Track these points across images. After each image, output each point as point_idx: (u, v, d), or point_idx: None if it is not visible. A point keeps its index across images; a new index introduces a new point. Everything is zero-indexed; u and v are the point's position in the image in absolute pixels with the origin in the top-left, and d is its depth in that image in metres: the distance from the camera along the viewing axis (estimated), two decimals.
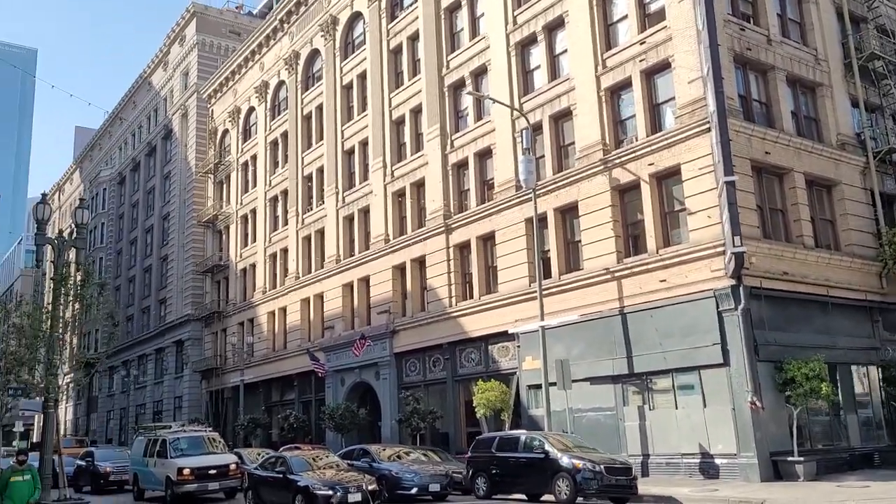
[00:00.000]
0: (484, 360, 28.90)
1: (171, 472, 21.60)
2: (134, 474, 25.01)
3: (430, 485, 19.73)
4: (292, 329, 41.51)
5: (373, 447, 22.61)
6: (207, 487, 22.01)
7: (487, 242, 29.56)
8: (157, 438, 23.93)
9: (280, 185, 44.66)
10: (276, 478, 17.79)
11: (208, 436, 25.15)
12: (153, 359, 58.61)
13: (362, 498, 16.28)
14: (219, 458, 23.05)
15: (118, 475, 27.39)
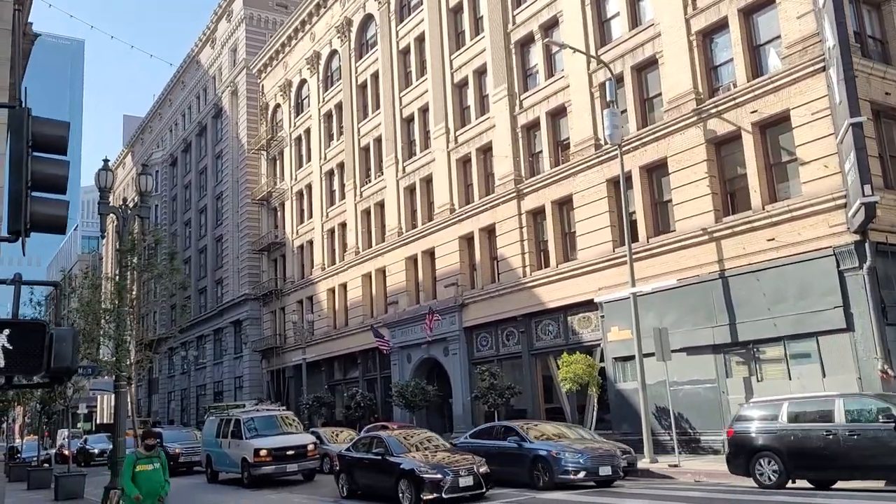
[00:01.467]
0: (563, 333, 27.21)
1: (246, 453, 20.51)
2: (207, 456, 24.14)
3: (601, 468, 16.43)
4: (354, 305, 40.36)
5: (517, 423, 19.28)
6: (286, 469, 20.81)
7: (563, 207, 27.74)
8: (230, 418, 22.90)
9: (336, 157, 43.37)
10: (373, 460, 16.12)
11: (282, 415, 24.06)
12: (211, 339, 58.36)
13: (474, 482, 14.50)
14: (296, 439, 21.87)
15: (188, 456, 26.59)
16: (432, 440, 17.56)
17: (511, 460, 17.45)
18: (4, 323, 5.71)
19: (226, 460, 22.46)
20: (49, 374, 5.92)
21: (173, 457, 26.46)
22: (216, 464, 23.32)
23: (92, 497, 19.96)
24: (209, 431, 24.03)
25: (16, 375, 5.86)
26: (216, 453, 23.25)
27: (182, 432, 30.95)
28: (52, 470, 25.46)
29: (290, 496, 18.08)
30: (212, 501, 18.52)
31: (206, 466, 24.29)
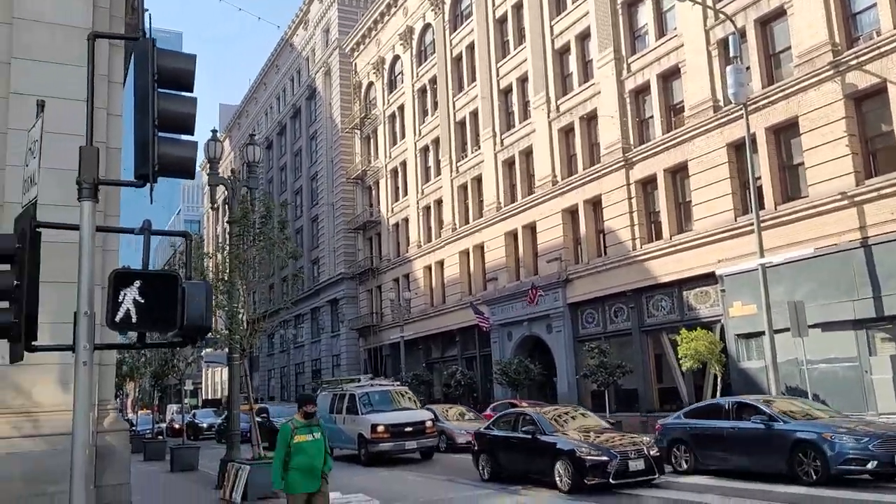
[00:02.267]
0: (678, 308, 25.67)
1: (363, 429, 19.97)
2: None
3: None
4: (451, 283, 39.76)
5: (753, 399, 15.39)
6: (404, 447, 20.08)
7: (677, 175, 26.08)
8: (345, 393, 22.39)
9: (430, 133, 42.70)
10: (522, 439, 14.37)
11: (399, 390, 23.40)
12: (309, 318, 59.20)
13: (646, 465, 12.79)
14: (414, 415, 21.08)
15: None
16: (587, 417, 15.85)
17: (757, 446, 13.80)
18: (135, 274, 5.10)
19: (340, 436, 21.70)
20: (182, 331, 5.29)
21: None
22: (330, 440, 23.00)
23: (205, 469, 20.10)
24: (322, 407, 23.76)
25: (148, 332, 5.25)
26: (331, 429, 22.74)
27: (288, 408, 31.01)
28: (166, 442, 26.03)
29: (418, 476, 16.95)
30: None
31: None
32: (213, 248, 14.95)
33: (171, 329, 5.21)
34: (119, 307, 5.02)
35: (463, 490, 13.81)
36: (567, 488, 12.79)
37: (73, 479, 4.95)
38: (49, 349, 5.51)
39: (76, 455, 4.96)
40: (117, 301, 5.03)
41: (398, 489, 14.34)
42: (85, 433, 5.02)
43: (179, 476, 18.74)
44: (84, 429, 5.03)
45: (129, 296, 5.07)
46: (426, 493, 13.61)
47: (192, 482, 17.15)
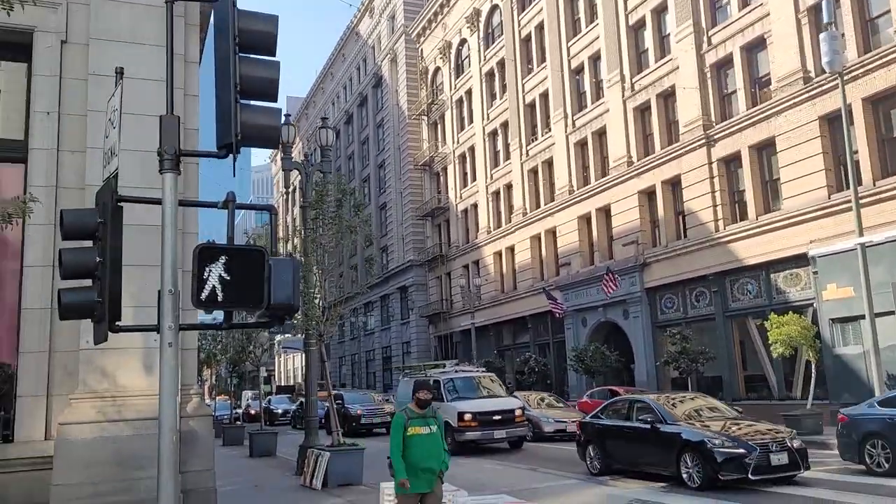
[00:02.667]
0: (765, 292, 24.44)
1: (449, 416, 18.82)
2: None
3: None
4: (522, 268, 39.11)
5: None
6: (493, 436, 18.95)
7: (763, 152, 24.79)
8: (427, 380, 21.90)
9: (499, 117, 42.00)
10: (638, 430, 12.92)
11: (484, 376, 22.42)
12: (378, 306, 59.46)
13: (789, 459, 11.38)
14: (503, 402, 20.01)
15: (369, 418, 26.59)
16: (714, 408, 13.76)
17: None
18: (221, 249, 4.76)
19: None
20: (268, 310, 4.93)
21: (355, 418, 26.51)
22: None
23: (283, 455, 20.14)
24: (404, 393, 23.19)
25: (235, 311, 4.92)
26: None
27: (362, 395, 31.08)
28: (244, 427, 26.35)
29: (507, 466, 15.95)
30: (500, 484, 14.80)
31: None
32: (288, 234, 14.80)
33: (259, 307, 4.86)
34: (205, 284, 4.70)
35: (579, 486, 12.55)
36: (696, 484, 11.36)
37: (161, 465, 4.66)
38: (133, 329, 5.26)
39: (163, 440, 4.67)
40: (202, 278, 4.70)
41: (491, 480, 13.76)
42: (172, 417, 4.73)
43: (259, 461, 18.83)
44: (171, 413, 4.74)
45: (215, 272, 4.74)
46: (524, 484, 12.99)
47: (271, 467, 17.17)
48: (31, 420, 8.33)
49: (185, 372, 9.01)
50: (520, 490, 11.80)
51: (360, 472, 12.97)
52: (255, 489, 13.43)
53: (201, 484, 8.72)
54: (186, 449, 8.64)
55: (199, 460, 8.74)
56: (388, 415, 27.31)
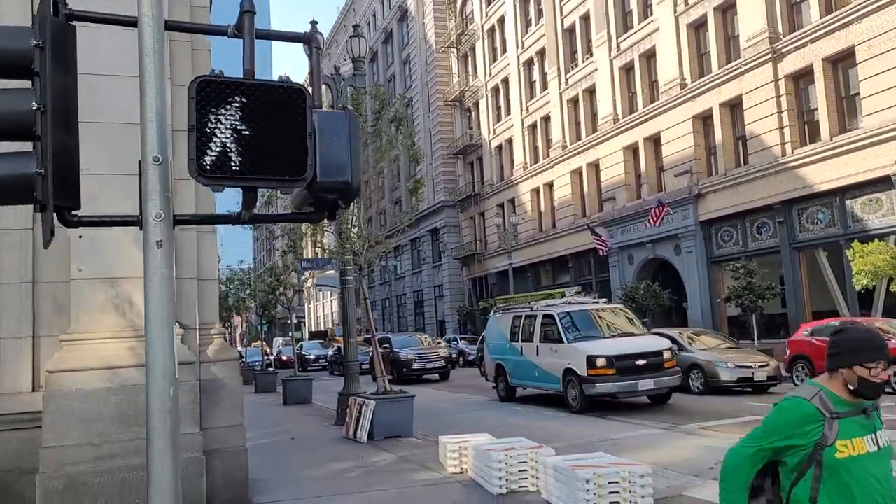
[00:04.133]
0: (839, 220, 22.25)
1: (574, 362, 14.45)
2: (496, 365, 18.04)
3: None
4: (562, 205, 37.05)
5: None
6: (637, 387, 14.14)
7: (840, 65, 22.27)
8: (534, 314, 16.54)
9: (535, 44, 39.35)
10: None
11: (611, 309, 17.57)
12: (409, 249, 57.86)
13: None
14: (645, 343, 15.19)
15: (420, 363, 25.01)
16: None
17: None
18: (235, 84, 2.92)
19: (533, 372, 16.24)
20: (313, 188, 3.09)
21: (405, 363, 24.89)
22: (514, 376, 17.15)
23: (319, 403, 18.76)
24: (497, 333, 18.07)
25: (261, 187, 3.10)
26: (514, 362, 17.04)
27: (409, 337, 29.18)
28: (277, 374, 25.08)
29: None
30: (574, 436, 11.49)
31: (495, 379, 18.22)
32: None
33: (297, 179, 3.03)
34: (209, 142, 2.88)
35: None
36: None
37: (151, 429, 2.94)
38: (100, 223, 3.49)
39: (152, 392, 2.96)
40: (205, 131, 2.87)
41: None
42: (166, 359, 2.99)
43: (294, 410, 17.41)
44: (164, 351, 2.99)
45: (226, 123, 2.91)
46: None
47: (308, 416, 15.73)
48: (14, 368, 6.71)
49: (205, 307, 7.33)
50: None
51: (410, 424, 11.39)
52: (293, 441, 11.92)
53: (229, 442, 7.12)
54: (209, 400, 7.01)
55: (224, 414, 7.13)
56: (443, 360, 25.63)
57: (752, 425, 3.12)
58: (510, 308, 18.62)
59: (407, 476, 8.27)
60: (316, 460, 9.84)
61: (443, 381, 24.87)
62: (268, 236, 25.61)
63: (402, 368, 24.54)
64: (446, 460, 8.33)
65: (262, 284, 25.16)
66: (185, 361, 6.55)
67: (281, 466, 9.65)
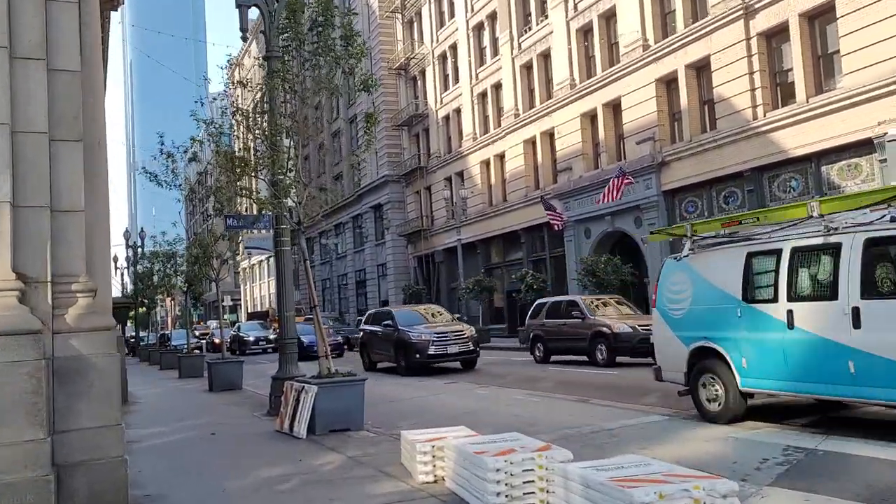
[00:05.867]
0: (814, 187, 20.90)
1: None
2: (698, 352, 9.06)
3: None
4: (514, 177, 35.16)
5: None
6: None
7: (817, 20, 20.83)
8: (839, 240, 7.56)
9: (486, 7, 37.15)
10: None
11: None
12: (350, 227, 55.27)
13: None
14: None
15: (441, 347, 18.21)
16: None
17: None
18: None
19: (840, 365, 7.35)
20: None
21: (419, 347, 18.19)
22: (765, 373, 8.17)
23: (250, 388, 16.41)
24: (701, 288, 9.15)
25: None
26: (766, 345, 8.17)
27: (415, 313, 20.82)
28: (203, 357, 22.51)
29: None
30: (557, 424, 9.34)
31: (691, 380, 9.15)
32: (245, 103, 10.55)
33: None
34: None
35: None
36: None
37: None
38: None
39: None
40: None
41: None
42: None
43: (220, 397, 15.01)
44: None
45: None
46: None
47: (235, 405, 13.37)
48: None
49: (66, 251, 4.99)
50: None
51: (361, 414, 9.22)
52: (213, 438, 9.62)
53: (101, 450, 4.84)
54: (68, 389, 4.71)
55: (93, 409, 4.83)
56: (470, 341, 18.74)
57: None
58: (739, 238, 8.99)
59: (362, 487, 6.11)
60: (240, 464, 7.60)
61: (466, 370, 18.60)
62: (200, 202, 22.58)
63: (413, 354, 18.15)
64: (414, 464, 6.20)
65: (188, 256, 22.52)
66: (23, 330, 4.24)
67: (192, 473, 7.38)
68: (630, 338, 17.09)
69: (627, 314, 19.13)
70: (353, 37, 9.94)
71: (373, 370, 20.03)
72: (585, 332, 18.31)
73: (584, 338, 18.29)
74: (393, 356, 19.40)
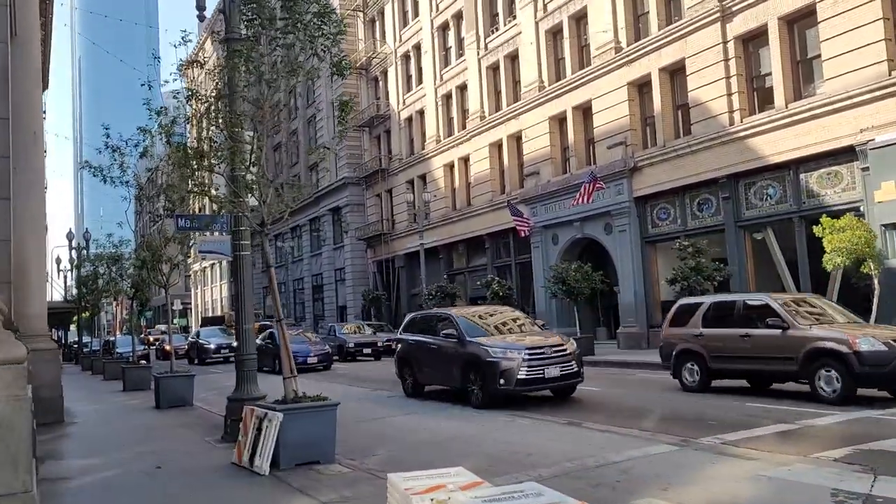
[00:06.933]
0: (791, 195, 20.39)
1: None
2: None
3: None
4: (479, 181, 34.21)
5: None
6: None
7: (796, 25, 20.36)
8: None
9: (451, 6, 36.21)
10: None
11: None
12: (308, 230, 53.68)
13: None
14: None
15: (534, 369, 12.34)
16: None
17: None
18: None
19: None
20: None
21: (502, 370, 11.28)
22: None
23: (202, 405, 15.03)
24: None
25: None
26: None
27: (479, 323, 18.28)
28: (150, 369, 20.92)
29: None
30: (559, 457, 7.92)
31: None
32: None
33: None
34: None
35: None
36: None
37: None
38: None
39: None
40: None
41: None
42: None
43: (168, 417, 13.58)
44: None
45: None
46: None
47: (186, 427, 12.00)
48: None
49: None
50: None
51: (332, 444, 8.03)
52: (158, 472, 8.31)
53: None
54: None
55: None
56: (574, 359, 13.12)
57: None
58: None
59: None
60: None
61: (561, 399, 13.42)
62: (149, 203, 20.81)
63: (496, 380, 12.57)
64: None
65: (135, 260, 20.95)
66: None
67: None
68: (884, 360, 11.03)
69: (849, 322, 12.77)
70: (329, 13, 8.78)
71: (418, 396, 14.99)
72: (795, 349, 11.89)
73: (794, 359, 11.87)
74: (457, 379, 13.57)
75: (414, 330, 15.93)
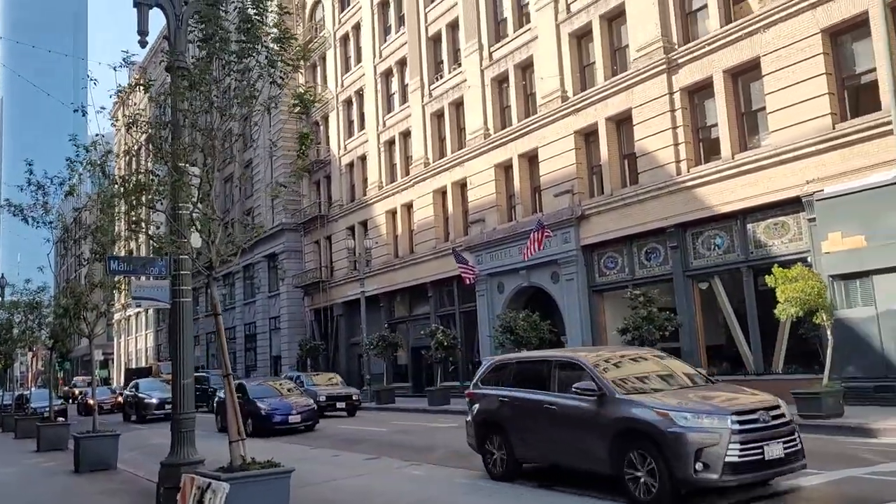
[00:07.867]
0: (739, 245, 20.44)
1: None
2: None
3: None
4: (422, 228, 33.64)
5: None
6: None
7: (741, 78, 20.71)
8: None
9: (395, 53, 36.08)
10: None
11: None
12: (241, 277, 51.93)
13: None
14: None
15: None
16: None
17: None
18: None
19: None
20: None
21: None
22: None
23: (128, 469, 13.64)
24: None
25: None
26: None
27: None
28: (68, 426, 19.19)
29: None
30: None
31: None
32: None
33: None
34: None
35: None
36: None
37: None
38: None
39: None
40: None
41: None
42: None
43: (88, 482, 12.18)
44: None
45: None
46: None
47: (109, 496, 10.68)
48: None
49: None
50: None
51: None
52: None
53: None
54: None
55: None
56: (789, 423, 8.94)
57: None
58: None
59: None
60: None
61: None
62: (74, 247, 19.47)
63: (691, 464, 8.12)
64: None
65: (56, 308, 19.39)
66: None
67: None
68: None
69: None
70: (290, 39, 8.10)
71: (513, 478, 10.58)
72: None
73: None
74: (600, 458, 9.08)
75: (504, 381, 11.35)
